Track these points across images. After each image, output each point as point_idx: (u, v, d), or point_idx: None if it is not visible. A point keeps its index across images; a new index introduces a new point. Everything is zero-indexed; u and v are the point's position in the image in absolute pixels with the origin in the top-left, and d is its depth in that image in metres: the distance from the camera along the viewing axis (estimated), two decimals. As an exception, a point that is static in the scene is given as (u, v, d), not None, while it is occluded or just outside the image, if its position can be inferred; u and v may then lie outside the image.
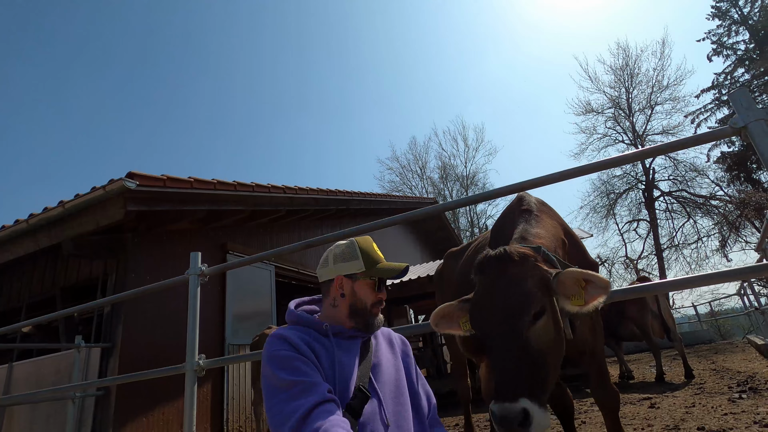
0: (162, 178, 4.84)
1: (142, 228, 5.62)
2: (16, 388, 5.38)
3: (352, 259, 1.23)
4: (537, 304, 1.25)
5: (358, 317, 1.21)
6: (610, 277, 23.47)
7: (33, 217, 4.88)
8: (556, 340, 1.30)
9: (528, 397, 1.11)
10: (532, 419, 1.08)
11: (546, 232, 1.82)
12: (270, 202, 6.93)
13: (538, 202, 2.11)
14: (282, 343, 1.09)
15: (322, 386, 1.00)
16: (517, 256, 1.35)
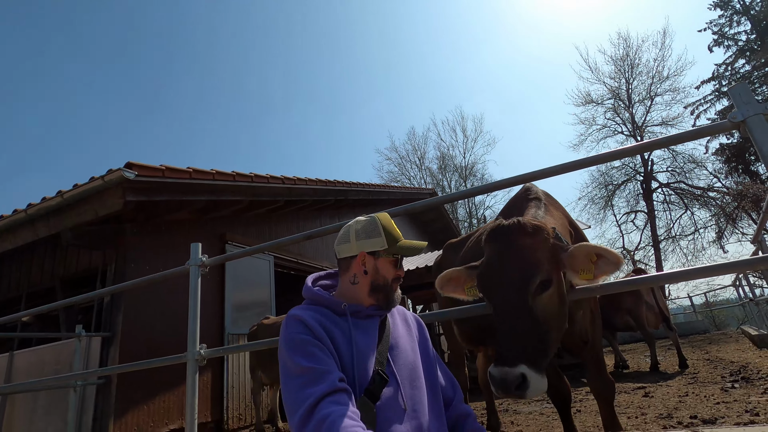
0: (161, 168, 4.82)
1: (141, 218, 5.61)
2: (17, 377, 5.42)
3: (375, 236, 1.22)
4: (544, 274, 1.28)
5: (380, 294, 1.21)
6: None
7: (31, 207, 4.87)
8: (560, 313, 1.33)
9: (527, 363, 1.15)
10: (529, 383, 1.13)
11: (555, 221, 1.84)
12: (268, 193, 6.93)
13: (545, 194, 2.12)
14: (298, 325, 1.09)
15: (334, 374, 1.00)
16: (530, 227, 1.39)
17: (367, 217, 1.28)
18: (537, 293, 1.28)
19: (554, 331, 1.30)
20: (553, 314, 1.30)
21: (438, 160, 31.12)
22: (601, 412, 2.10)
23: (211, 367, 6.13)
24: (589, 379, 2.09)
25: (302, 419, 0.93)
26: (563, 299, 1.36)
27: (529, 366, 1.15)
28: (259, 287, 7.40)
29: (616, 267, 1.31)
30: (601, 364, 2.10)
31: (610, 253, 1.31)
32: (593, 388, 2.11)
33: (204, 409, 5.86)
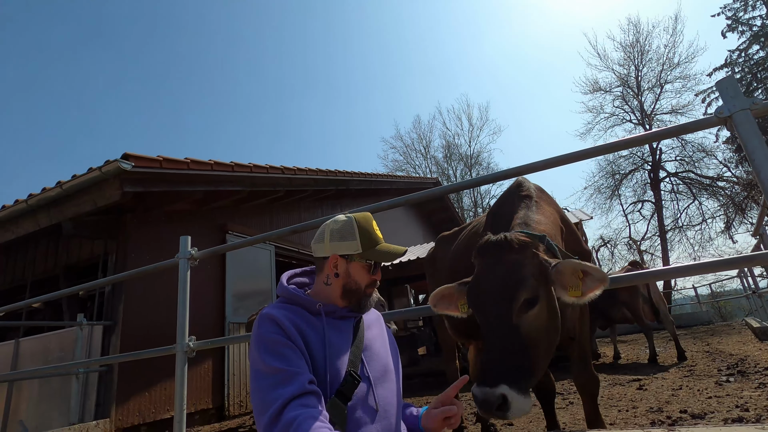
0: (158, 159, 4.84)
1: (141, 209, 5.66)
2: (22, 364, 5.55)
3: (349, 238, 1.18)
4: (530, 291, 1.28)
5: (351, 297, 1.19)
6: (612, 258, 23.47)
7: (32, 197, 4.92)
8: (548, 330, 1.31)
9: (508, 383, 1.14)
10: (510, 405, 1.12)
11: (546, 219, 1.81)
12: (268, 183, 6.93)
13: (537, 189, 2.09)
14: (271, 324, 1.07)
15: (304, 376, 0.99)
16: (517, 243, 1.37)
17: (345, 217, 1.25)
18: (522, 311, 1.27)
19: (542, 349, 1.29)
20: (541, 332, 1.28)
21: (443, 148, 30.93)
22: (585, 407, 2.10)
23: (213, 355, 6.23)
24: (574, 374, 2.09)
25: (270, 421, 0.93)
26: (553, 314, 1.34)
27: (511, 386, 1.13)
28: (260, 277, 7.46)
29: (602, 284, 1.29)
30: (586, 359, 2.10)
31: (595, 270, 1.30)
32: (578, 383, 2.11)
33: (205, 396, 5.97)
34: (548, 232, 1.68)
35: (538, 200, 1.93)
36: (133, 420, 4.99)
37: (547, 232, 1.69)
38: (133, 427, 4.98)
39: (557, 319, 1.36)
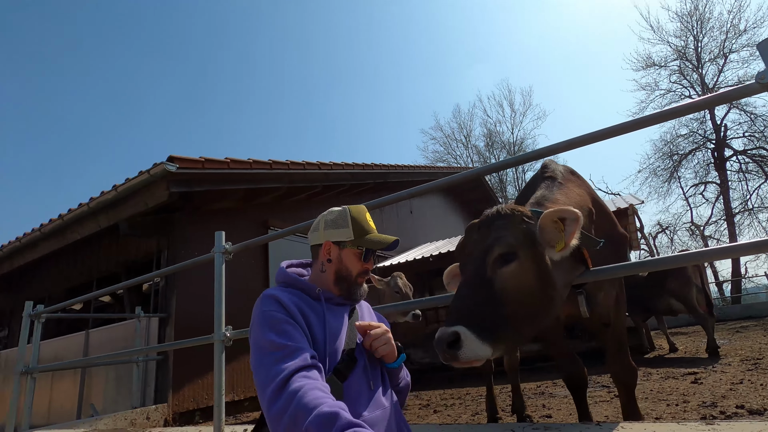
0: (200, 160, 5.10)
1: (188, 208, 5.99)
2: (92, 353, 6.09)
3: (342, 226, 1.25)
4: (505, 246, 1.28)
5: (343, 284, 1.24)
6: (671, 244, 21.96)
7: (92, 200, 5.36)
8: (532, 294, 1.28)
9: (467, 325, 1.13)
10: (462, 344, 1.11)
11: (567, 200, 1.74)
12: (305, 179, 7.10)
13: (564, 170, 1.99)
14: (273, 303, 1.10)
15: (306, 352, 1.02)
16: (505, 211, 1.39)
17: (340, 208, 1.31)
18: (496, 266, 1.27)
19: (523, 312, 1.25)
20: (520, 292, 1.25)
21: (485, 137, 30.19)
22: (621, 398, 2.00)
23: (259, 345, 6.51)
24: (608, 364, 2.00)
25: (274, 393, 0.94)
26: (540, 280, 1.31)
27: (469, 328, 1.13)
28: (302, 270, 7.68)
29: (576, 222, 1.28)
30: (622, 348, 1.99)
31: (567, 211, 1.29)
32: (612, 373, 2.01)
33: (250, 385, 6.26)
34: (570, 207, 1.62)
35: (563, 181, 1.85)
36: (189, 405, 5.34)
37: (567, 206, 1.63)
38: (188, 412, 5.33)
39: (547, 288, 1.32)
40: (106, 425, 4.35)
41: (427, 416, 3.91)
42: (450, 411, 4.00)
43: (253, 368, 1.04)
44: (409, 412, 4.24)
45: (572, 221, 1.30)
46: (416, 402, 4.82)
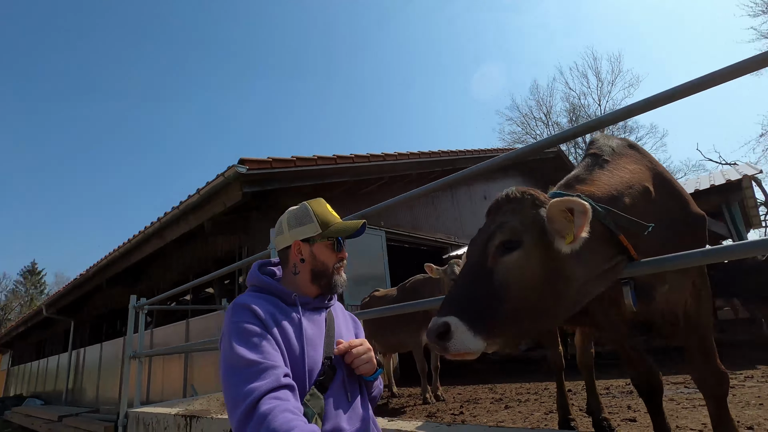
0: (268, 161, 5.38)
1: (264, 206, 6.39)
2: (193, 339, 6.83)
3: (307, 222, 1.20)
4: (508, 233, 1.20)
5: (322, 279, 1.19)
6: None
7: (182, 203, 5.96)
8: (533, 285, 1.18)
9: (459, 316, 1.10)
10: (453, 335, 1.08)
11: (609, 178, 1.50)
12: (371, 171, 7.16)
13: (618, 145, 1.72)
14: (246, 313, 1.04)
15: (279, 369, 0.97)
16: (515, 194, 1.30)
17: (298, 206, 1.26)
18: (498, 254, 1.18)
19: (526, 307, 1.15)
20: (523, 285, 1.15)
21: (567, 112, 27.88)
22: (709, 408, 1.69)
23: (335, 334, 6.79)
24: (691, 369, 1.70)
25: (243, 415, 0.90)
26: (548, 272, 1.18)
27: (461, 319, 1.09)
28: (373, 261, 7.82)
29: (584, 216, 1.13)
30: (708, 350, 1.68)
31: (573, 201, 1.14)
32: (697, 380, 1.71)
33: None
34: (601, 192, 1.41)
35: (610, 158, 1.59)
36: (272, 389, 5.75)
37: (601, 191, 1.42)
38: (272, 396, 5.74)
39: (557, 282, 1.19)
40: (200, 405, 4.85)
41: (497, 411, 3.74)
42: (522, 407, 3.78)
43: (223, 384, 0.98)
44: (479, 406, 4.10)
45: (580, 213, 1.14)
46: (489, 395, 4.64)
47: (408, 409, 4.50)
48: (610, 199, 1.38)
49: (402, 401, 5.13)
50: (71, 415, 8.13)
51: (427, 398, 4.65)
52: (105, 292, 9.77)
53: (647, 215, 1.41)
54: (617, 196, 1.41)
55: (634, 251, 1.32)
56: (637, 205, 1.43)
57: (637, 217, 1.36)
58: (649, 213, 1.44)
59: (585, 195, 1.34)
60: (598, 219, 1.28)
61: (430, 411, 4.14)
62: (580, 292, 1.25)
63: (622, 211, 1.35)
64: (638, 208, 1.42)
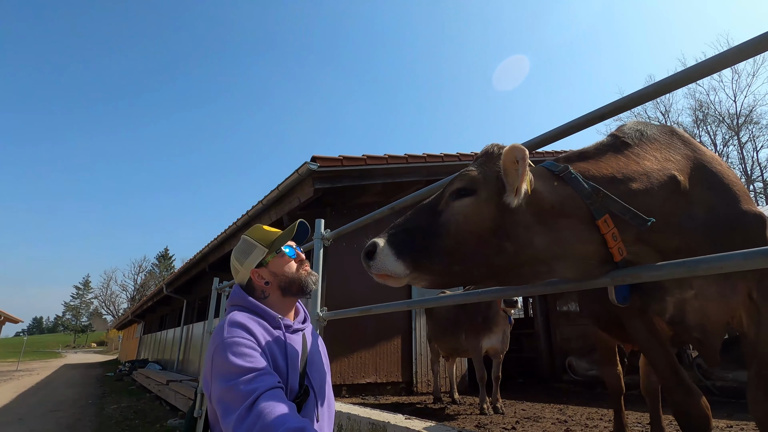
0: (339, 158, 5.60)
1: (338, 203, 6.67)
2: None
3: (252, 250, 1.24)
4: (464, 181, 1.19)
5: (292, 287, 1.23)
6: None
7: (265, 198, 6.47)
8: (478, 232, 1.15)
9: (389, 241, 1.15)
10: (376, 256, 1.13)
11: (618, 161, 1.29)
12: (444, 171, 7.02)
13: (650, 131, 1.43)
14: (241, 330, 1.09)
15: (273, 377, 1.02)
16: (488, 148, 1.26)
17: (240, 241, 1.30)
18: (451, 199, 1.19)
19: (462, 252, 1.14)
20: (461, 227, 1.15)
21: (692, 110, 24.39)
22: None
23: (401, 333, 6.79)
24: (748, 400, 1.36)
25: (240, 416, 0.93)
26: (494, 226, 1.15)
27: (390, 244, 1.13)
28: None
29: (523, 161, 1.06)
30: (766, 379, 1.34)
31: (518, 149, 1.07)
32: (753, 415, 1.37)
33: (395, 370, 6.56)
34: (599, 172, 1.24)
35: (633, 142, 1.35)
36: (336, 380, 5.94)
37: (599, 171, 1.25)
38: (336, 386, 5.93)
39: (502, 239, 1.14)
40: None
41: (553, 433, 3.41)
42: (584, 432, 3.39)
43: (216, 393, 1.00)
44: (537, 425, 3.77)
45: (520, 160, 1.07)
46: (555, 416, 4.25)
47: (461, 417, 4.32)
48: (607, 180, 1.21)
49: (460, 408, 4.95)
50: (176, 381, 9.32)
51: (485, 409, 4.42)
52: (208, 276, 11.04)
53: (670, 208, 1.18)
54: (620, 179, 1.21)
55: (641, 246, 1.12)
56: (654, 195, 1.20)
57: (655, 210, 1.15)
58: (676, 207, 1.21)
59: (578, 171, 1.19)
60: (580, 196, 1.14)
61: (481, 422, 3.93)
62: (533, 262, 1.16)
63: (624, 196, 1.15)
64: (652, 198, 1.19)
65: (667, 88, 1.33)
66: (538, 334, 8.77)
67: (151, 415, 7.09)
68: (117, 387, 12.29)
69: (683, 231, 1.24)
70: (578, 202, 1.15)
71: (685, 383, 1.47)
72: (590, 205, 1.13)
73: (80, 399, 9.71)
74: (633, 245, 1.20)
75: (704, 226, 1.24)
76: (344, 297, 6.22)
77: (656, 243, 1.18)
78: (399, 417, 2.38)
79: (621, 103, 1.42)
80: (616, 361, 2.54)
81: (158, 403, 8.51)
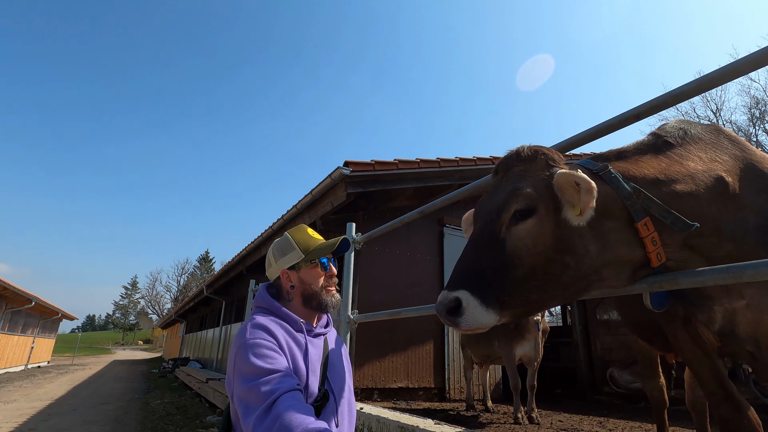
0: (371, 163, 5.65)
1: (370, 207, 6.72)
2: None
3: (289, 251, 1.27)
4: (523, 201, 1.10)
5: (312, 301, 1.24)
6: None
7: (299, 202, 6.62)
8: (546, 253, 1.09)
9: (470, 289, 1.04)
10: (464, 311, 1.03)
11: (660, 162, 1.23)
12: (478, 175, 6.93)
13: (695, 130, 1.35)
14: (263, 332, 1.11)
15: (293, 379, 1.05)
16: (526, 153, 1.19)
17: (281, 237, 1.32)
18: (512, 223, 1.10)
19: (534, 280, 1.07)
20: (534, 255, 1.07)
21: (747, 108, 22.83)
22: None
23: (433, 338, 6.73)
24: None
25: (259, 417, 0.95)
26: (557, 242, 1.08)
27: (473, 293, 1.02)
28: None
29: (588, 194, 1.02)
30: None
31: (580, 179, 1.03)
32: None
33: (427, 376, 6.50)
34: (640, 173, 1.19)
35: (676, 142, 1.28)
36: (368, 384, 5.96)
37: (639, 172, 1.19)
38: (367, 389, 5.96)
39: (565, 254, 1.08)
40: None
41: (592, 446, 3.27)
42: (626, 447, 3.23)
43: (238, 397, 1.03)
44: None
45: (585, 191, 1.03)
46: (594, 428, 4.08)
47: (493, 426, 4.23)
48: (648, 182, 1.16)
49: (493, 417, 4.84)
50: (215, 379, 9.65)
51: (519, 418, 4.30)
52: (246, 278, 11.39)
53: (718, 212, 1.11)
54: (663, 180, 1.16)
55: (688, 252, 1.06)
56: (699, 198, 1.14)
57: (701, 214, 1.09)
58: (725, 211, 1.14)
59: (617, 170, 1.15)
60: (620, 197, 1.11)
61: (514, 431, 3.82)
62: (589, 273, 1.10)
63: (667, 199, 1.10)
64: (698, 201, 1.13)
65: (711, 83, 1.26)
66: (576, 344, 8.45)
67: (191, 411, 7.37)
68: (161, 383, 12.86)
69: (733, 237, 1.17)
70: (618, 203, 1.11)
71: (734, 397, 1.37)
72: (630, 206, 1.09)
73: (127, 393, 10.24)
74: (678, 251, 1.15)
75: (756, 232, 1.16)
76: (375, 300, 6.25)
77: (703, 249, 1.13)
78: (429, 422, 2.36)
79: (658, 102, 1.36)
80: (658, 372, 2.42)
81: (198, 400, 8.83)
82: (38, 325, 20.27)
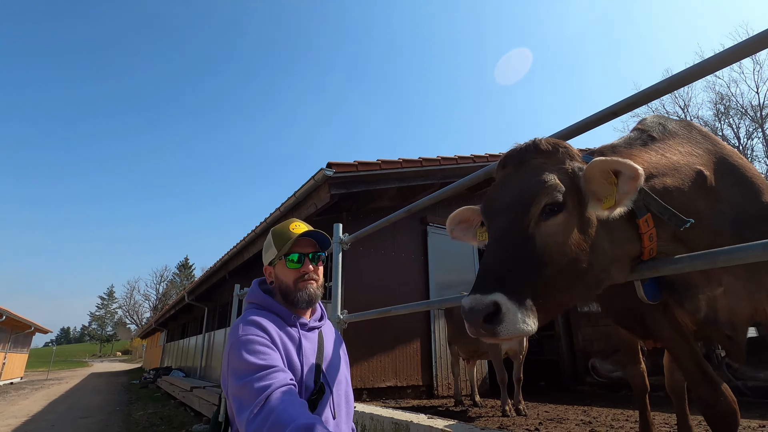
0: (354, 164, 5.66)
1: (354, 208, 6.72)
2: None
3: (269, 248, 1.29)
4: (553, 195, 1.03)
5: (287, 296, 1.24)
6: None
7: (282, 205, 6.58)
8: (573, 250, 1.03)
9: (506, 292, 0.92)
10: (504, 317, 0.90)
11: (650, 156, 1.28)
12: (459, 174, 7.02)
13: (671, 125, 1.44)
14: (256, 328, 1.11)
15: (286, 374, 1.05)
16: (545, 145, 1.14)
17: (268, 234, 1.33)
18: (541, 218, 1.03)
19: (564, 277, 1.01)
20: (563, 252, 1.01)
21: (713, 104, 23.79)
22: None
23: (420, 336, 6.78)
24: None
25: (252, 413, 0.96)
26: (583, 234, 1.05)
27: (509, 296, 0.91)
28: (462, 266, 7.65)
29: (634, 181, 0.98)
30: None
31: (624, 164, 0.98)
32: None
33: (415, 374, 6.55)
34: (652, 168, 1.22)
35: (658, 136, 1.35)
36: (357, 384, 5.96)
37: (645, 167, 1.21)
38: (356, 390, 5.96)
39: (591, 252, 1.05)
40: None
41: (577, 434, 3.37)
42: (610, 433, 3.34)
43: (231, 390, 1.03)
44: (561, 426, 3.73)
45: (628, 178, 0.99)
46: (579, 417, 4.19)
47: (482, 419, 4.30)
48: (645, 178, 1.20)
49: (481, 411, 4.92)
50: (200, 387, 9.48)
51: (507, 411, 4.38)
52: (228, 283, 11.23)
53: (701, 205, 1.18)
54: (654, 174, 1.21)
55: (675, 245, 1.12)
56: (685, 192, 1.20)
57: (689, 208, 1.15)
58: (706, 204, 1.21)
59: None
60: None
61: (504, 423, 3.91)
62: (602, 269, 1.09)
63: (660, 194, 1.15)
64: (686, 195, 1.20)
65: (681, 81, 1.33)
66: (558, 336, 8.64)
67: (176, 420, 7.23)
68: (142, 394, 12.55)
69: (714, 228, 1.24)
70: None
71: (710, 378, 1.45)
72: (634, 203, 1.09)
73: (108, 405, 9.96)
74: (668, 244, 1.19)
75: (732, 222, 1.23)
76: (362, 300, 6.25)
77: (689, 242, 1.18)
78: (421, 416, 2.40)
79: (634, 99, 1.43)
80: (639, 359, 2.51)
81: (183, 409, 8.66)
82: (9, 339, 19.48)
